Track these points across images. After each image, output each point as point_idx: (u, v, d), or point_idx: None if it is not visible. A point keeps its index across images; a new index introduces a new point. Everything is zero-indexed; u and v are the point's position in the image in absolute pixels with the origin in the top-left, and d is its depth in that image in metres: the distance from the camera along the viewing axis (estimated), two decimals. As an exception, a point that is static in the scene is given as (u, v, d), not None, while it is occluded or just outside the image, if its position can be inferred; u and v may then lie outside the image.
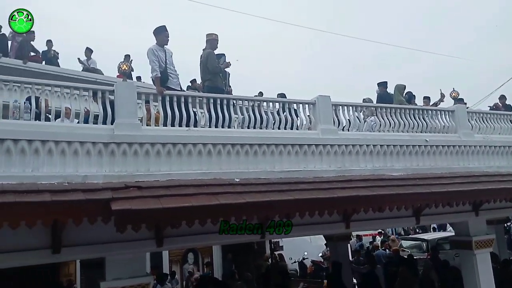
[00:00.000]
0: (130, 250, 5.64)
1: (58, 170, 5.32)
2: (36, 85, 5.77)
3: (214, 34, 7.86)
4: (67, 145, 5.44)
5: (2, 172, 5.02)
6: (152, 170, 5.92)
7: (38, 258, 5.33)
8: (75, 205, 4.67)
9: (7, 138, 5.11)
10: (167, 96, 6.52)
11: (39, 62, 11.16)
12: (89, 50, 12.62)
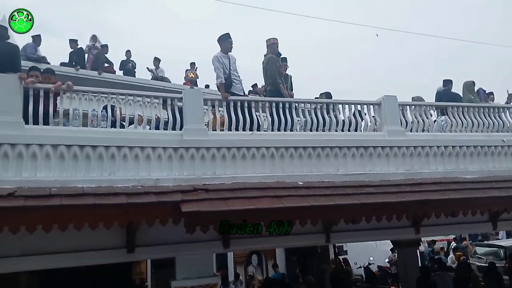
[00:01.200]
0: (199, 250, 5.85)
1: (132, 174, 5.65)
2: (112, 94, 6.18)
3: (273, 39, 7.92)
4: (140, 150, 5.76)
5: (82, 176, 5.43)
6: (218, 173, 6.10)
7: (114, 257, 5.70)
8: (148, 207, 4.95)
9: (86, 144, 5.52)
10: (231, 102, 6.69)
11: (112, 72, 11.94)
12: (157, 60, 13.28)
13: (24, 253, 5.11)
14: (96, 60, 11.72)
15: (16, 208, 4.38)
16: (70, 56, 11.68)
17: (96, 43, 12.23)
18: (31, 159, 5.19)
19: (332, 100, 7.55)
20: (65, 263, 5.51)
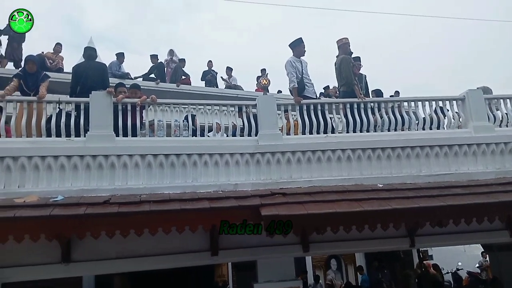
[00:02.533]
0: (279, 254, 5.92)
1: (213, 179, 5.89)
2: (191, 105, 6.50)
3: (345, 38, 7.78)
4: (219, 157, 5.99)
5: (168, 183, 5.77)
6: (294, 177, 6.13)
7: (199, 259, 5.96)
8: (230, 211, 5.11)
9: (171, 153, 5.86)
10: (304, 105, 6.70)
11: (189, 84, 12.53)
12: (229, 69, 13.71)
13: (119, 255, 5.54)
14: (174, 73, 12.37)
15: (112, 214, 4.76)
16: (150, 70, 12.45)
17: (174, 57, 12.92)
18: (123, 169, 5.62)
19: (411, 97, 7.23)
20: (155, 265, 5.89)
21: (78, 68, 6.81)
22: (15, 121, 5.61)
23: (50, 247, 5.13)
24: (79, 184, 5.40)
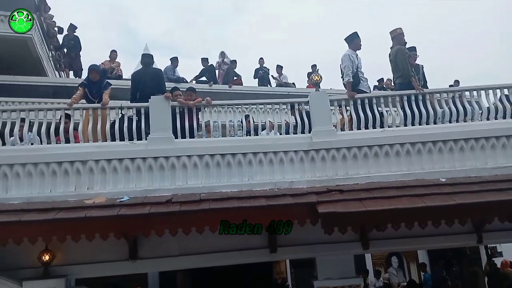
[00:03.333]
0: (338, 251, 5.87)
1: (268, 177, 5.94)
2: (244, 105, 6.61)
3: (399, 29, 7.52)
4: (273, 155, 6.03)
5: (225, 182, 5.90)
6: (351, 173, 6.04)
7: (258, 256, 6.06)
8: (286, 208, 5.15)
9: (227, 153, 5.99)
10: (358, 100, 6.57)
11: (241, 84, 12.71)
12: (279, 67, 13.74)
13: (182, 253, 5.76)
14: (226, 75, 12.62)
15: (174, 213, 4.97)
16: (202, 73, 12.77)
17: (225, 59, 13.17)
18: (182, 169, 5.83)
19: (472, 86, 6.86)
20: (215, 262, 6.06)
21: (136, 75, 7.16)
22: (82, 127, 6.00)
23: (118, 245, 5.43)
24: (142, 184, 5.68)
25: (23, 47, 10.05)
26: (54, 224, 4.75)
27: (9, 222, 4.72)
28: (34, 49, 10.23)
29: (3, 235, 4.74)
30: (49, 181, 5.53)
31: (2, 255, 5.28)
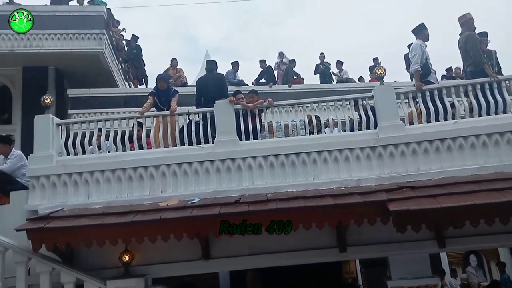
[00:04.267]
0: (411, 250, 5.65)
1: (334, 176, 5.87)
2: (306, 104, 6.58)
3: (468, 14, 7.08)
4: (338, 153, 5.95)
5: (291, 181, 5.92)
6: (422, 169, 5.79)
7: (327, 256, 6.00)
8: (355, 207, 5.05)
9: (291, 152, 5.99)
10: (426, 91, 6.28)
11: (301, 83, 12.66)
12: (339, 63, 13.49)
13: (252, 252, 5.85)
14: (286, 74, 12.63)
15: (243, 213, 5.08)
16: (260, 75, 12.88)
17: (283, 59, 13.19)
18: (248, 170, 5.93)
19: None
20: (284, 262, 6.09)
21: (200, 81, 7.43)
22: (154, 133, 6.33)
23: (192, 245, 5.65)
24: (211, 186, 5.86)
25: (96, 61, 10.78)
26: (132, 226, 5.05)
27: (92, 225, 5.09)
28: (105, 62, 10.94)
29: (87, 238, 5.12)
30: (126, 186, 5.89)
31: (88, 256, 5.72)
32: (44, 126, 6.04)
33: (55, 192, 5.83)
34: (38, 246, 5.05)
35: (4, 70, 10.76)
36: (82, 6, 11.27)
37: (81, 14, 10.60)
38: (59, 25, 10.28)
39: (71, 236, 5.07)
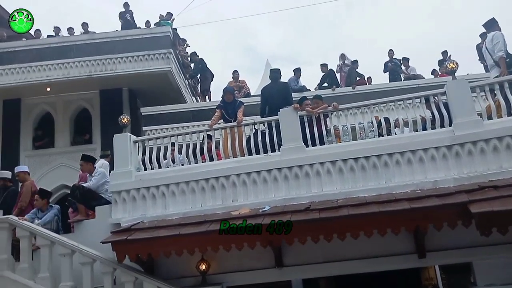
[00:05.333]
0: (499, 254, 5.25)
1: (409, 178, 5.64)
2: (373, 105, 6.41)
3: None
4: (411, 154, 5.71)
5: (361, 186, 5.77)
6: (505, 166, 5.40)
7: (405, 262, 5.74)
8: (433, 210, 4.81)
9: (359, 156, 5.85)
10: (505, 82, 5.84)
11: (365, 84, 12.34)
12: (405, 59, 12.92)
13: (325, 259, 5.78)
14: (349, 76, 12.40)
15: (314, 220, 5.05)
16: (322, 79, 12.74)
17: (345, 61, 12.98)
18: (316, 177, 5.89)
19: None
20: (359, 269, 5.93)
21: (265, 91, 7.54)
22: (223, 145, 6.53)
23: (265, 253, 5.71)
24: (280, 194, 5.90)
25: (164, 79, 11.38)
26: (207, 235, 5.22)
27: (170, 236, 5.33)
28: (173, 80, 11.51)
29: (166, 248, 5.37)
30: (200, 196, 6.12)
31: (167, 266, 6.00)
32: (123, 144, 6.47)
33: (135, 206, 6.21)
34: (122, 257, 5.38)
35: (83, 94, 11.73)
36: (149, 29, 12.00)
37: (149, 36, 11.28)
38: (130, 48, 11.04)
39: (152, 247, 5.35)
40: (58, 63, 10.90)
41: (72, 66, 10.91)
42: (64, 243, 5.67)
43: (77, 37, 11.64)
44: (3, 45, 11.31)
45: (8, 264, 5.75)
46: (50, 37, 12.12)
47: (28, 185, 6.66)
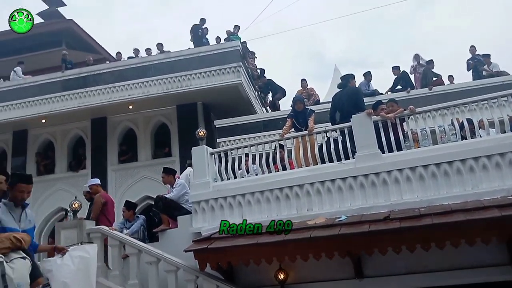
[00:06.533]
0: None
1: (498, 184, 5.25)
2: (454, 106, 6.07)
3: None
4: (500, 158, 5.32)
5: (445, 193, 5.47)
6: None
7: (496, 275, 5.28)
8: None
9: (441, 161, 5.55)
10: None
11: (442, 84, 11.65)
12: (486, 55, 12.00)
13: (408, 271, 5.51)
14: (424, 77, 11.81)
15: (395, 230, 4.87)
16: (395, 82, 12.25)
17: (420, 61, 12.39)
18: (395, 184, 5.68)
19: None
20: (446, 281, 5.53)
21: (335, 97, 7.46)
22: (295, 154, 6.55)
23: (343, 264, 5.58)
24: (357, 203, 5.77)
25: (235, 92, 11.70)
26: (284, 244, 5.26)
27: (248, 244, 5.45)
28: (243, 92, 11.80)
29: (245, 256, 5.48)
30: (274, 205, 6.18)
31: (246, 274, 6.10)
32: (200, 156, 6.75)
33: (213, 215, 6.42)
34: (204, 265, 5.59)
35: (162, 110, 12.45)
36: (220, 44, 12.44)
37: (219, 52, 11.69)
38: (202, 64, 11.53)
39: (231, 255, 5.50)
40: (138, 82, 11.70)
41: (151, 84, 11.64)
42: (150, 251, 6.02)
43: (155, 57, 12.40)
44: (90, 68, 12.49)
45: (102, 271, 6.22)
46: (130, 58, 13.08)
47: (98, 197, 6.95)
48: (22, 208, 3.85)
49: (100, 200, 6.88)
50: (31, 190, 3.94)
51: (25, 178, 3.90)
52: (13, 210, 3.75)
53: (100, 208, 6.80)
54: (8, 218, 3.62)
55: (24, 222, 3.78)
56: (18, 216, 3.77)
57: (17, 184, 3.76)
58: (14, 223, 3.67)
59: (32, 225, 3.91)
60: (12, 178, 4.03)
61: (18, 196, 3.75)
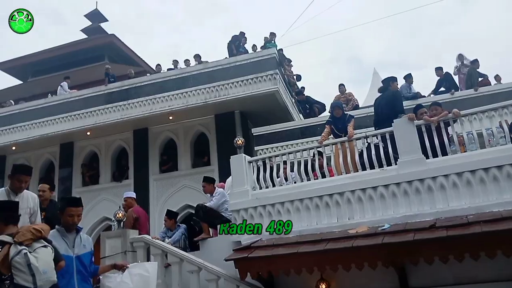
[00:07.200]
0: None
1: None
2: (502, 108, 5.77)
3: None
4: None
5: (495, 200, 5.20)
6: None
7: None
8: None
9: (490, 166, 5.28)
10: None
11: (489, 84, 11.11)
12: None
13: (457, 281, 5.26)
14: (469, 78, 11.29)
15: (441, 238, 4.66)
16: (438, 84, 11.81)
17: (464, 61, 11.90)
18: (441, 191, 5.46)
19: None
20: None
21: (376, 102, 7.30)
22: (334, 161, 6.43)
23: (387, 274, 5.39)
24: (400, 210, 5.58)
25: (272, 99, 11.70)
26: (325, 254, 5.16)
27: (288, 254, 5.39)
28: (280, 99, 11.78)
29: (285, 266, 5.43)
30: (314, 214, 6.09)
31: (287, 284, 6.02)
32: (238, 164, 6.78)
33: (253, 223, 6.40)
34: (245, 274, 5.58)
35: (200, 119, 12.64)
36: (256, 52, 12.50)
37: (256, 60, 11.75)
38: (239, 73, 11.61)
39: (271, 265, 5.46)
40: (178, 93, 11.96)
41: (190, 95, 11.86)
42: (192, 260, 6.07)
43: (193, 67, 12.64)
44: (131, 81, 12.90)
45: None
46: (170, 70, 13.41)
47: (130, 212, 6.97)
48: (76, 233, 3.82)
49: (132, 215, 6.94)
50: (81, 213, 3.90)
51: (73, 201, 3.91)
52: (66, 236, 3.73)
53: (132, 223, 6.84)
54: (60, 244, 3.58)
55: (78, 247, 3.76)
56: (71, 241, 3.74)
57: (66, 208, 3.76)
58: (68, 249, 3.66)
59: (88, 249, 3.87)
60: (61, 202, 4.04)
61: (69, 220, 3.74)
